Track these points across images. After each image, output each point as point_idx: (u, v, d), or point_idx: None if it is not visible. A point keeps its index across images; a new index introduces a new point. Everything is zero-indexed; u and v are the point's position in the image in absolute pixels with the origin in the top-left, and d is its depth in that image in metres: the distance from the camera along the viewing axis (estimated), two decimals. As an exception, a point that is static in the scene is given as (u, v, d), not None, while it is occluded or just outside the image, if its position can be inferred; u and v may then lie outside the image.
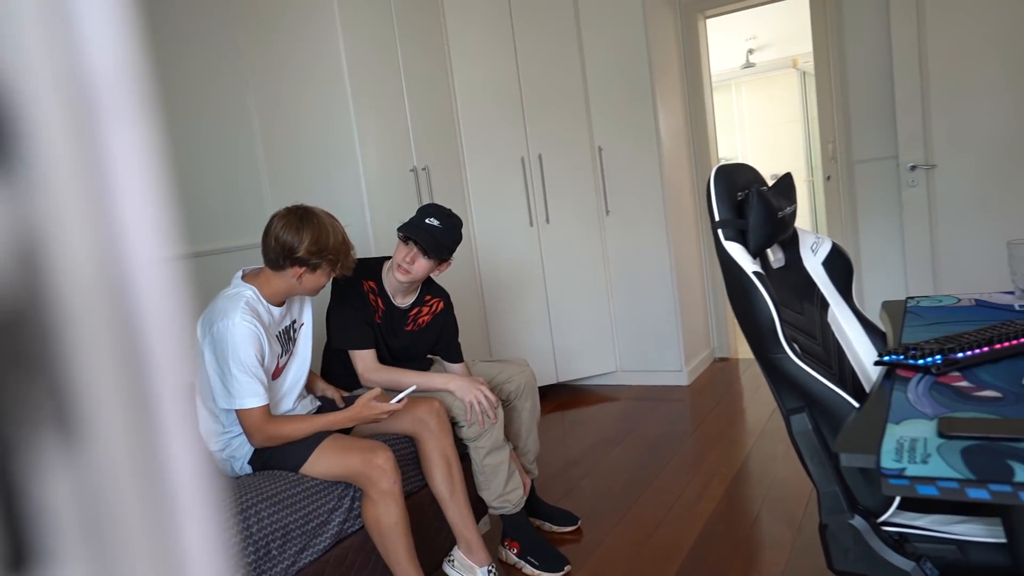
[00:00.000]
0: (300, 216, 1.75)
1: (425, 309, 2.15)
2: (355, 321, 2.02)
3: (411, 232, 1.97)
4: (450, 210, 2.04)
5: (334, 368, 2.11)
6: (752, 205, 1.30)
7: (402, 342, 2.11)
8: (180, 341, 0.20)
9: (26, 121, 0.16)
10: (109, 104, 0.18)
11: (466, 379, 2.01)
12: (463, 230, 2.07)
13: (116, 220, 0.18)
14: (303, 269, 1.74)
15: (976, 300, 1.62)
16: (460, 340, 2.26)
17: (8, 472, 0.15)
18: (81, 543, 0.17)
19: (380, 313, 2.06)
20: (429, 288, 2.17)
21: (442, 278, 2.20)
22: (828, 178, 3.79)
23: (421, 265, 1.98)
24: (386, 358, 2.07)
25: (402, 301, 2.10)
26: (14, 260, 0.16)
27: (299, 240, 1.71)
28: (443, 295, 2.20)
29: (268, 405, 1.70)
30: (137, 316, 0.19)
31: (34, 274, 0.16)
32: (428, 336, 2.17)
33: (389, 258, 2.07)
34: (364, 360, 2.02)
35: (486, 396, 1.97)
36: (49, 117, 0.17)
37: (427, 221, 1.98)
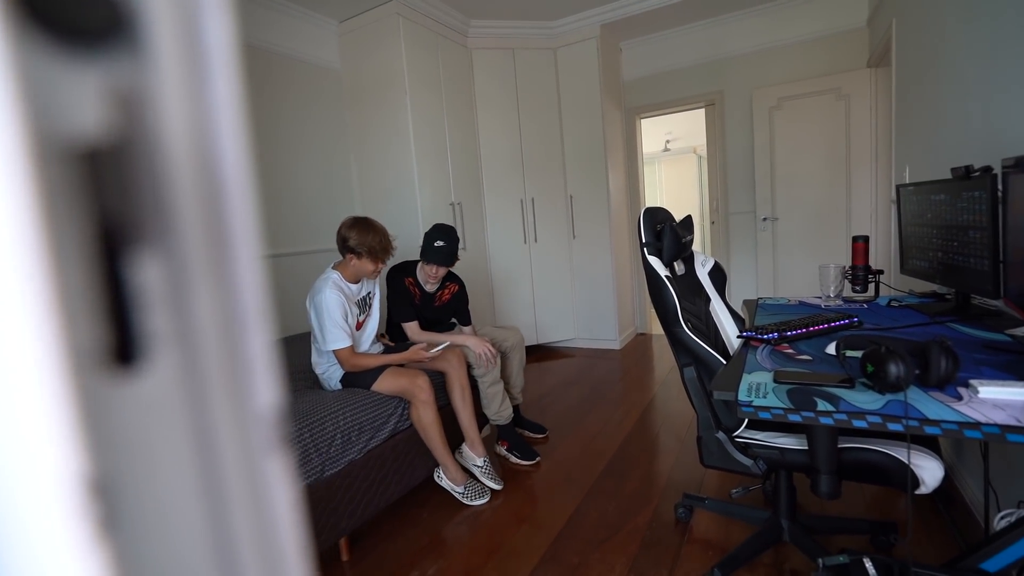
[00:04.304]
0: (356, 220, 1.72)
1: (446, 292, 2.11)
2: (403, 305, 2.00)
3: (427, 257, 1.94)
4: (447, 226, 1.96)
5: (394, 331, 2.11)
6: (666, 233, 1.31)
7: (433, 314, 2.09)
8: (246, 179, 0.17)
9: (144, 13, 0.14)
10: (205, 6, 0.16)
11: (478, 338, 2.01)
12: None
13: (205, 87, 0.16)
14: (354, 256, 1.71)
15: (800, 301, 1.64)
16: (478, 315, 2.23)
17: (116, 273, 0.13)
18: (170, 343, 0.14)
19: (418, 297, 2.04)
20: (448, 276, 2.13)
21: (466, 271, 2.18)
22: (713, 223, 3.80)
23: (440, 271, 1.97)
24: (424, 325, 2.06)
25: (431, 288, 2.07)
26: (115, 106, 0.14)
27: (350, 236, 1.69)
28: (458, 280, 2.16)
29: (352, 346, 1.69)
30: (216, 158, 0.16)
31: (131, 118, 0.14)
32: (449, 308, 2.14)
33: (419, 261, 2.04)
34: (411, 328, 2.01)
35: (490, 349, 1.97)
36: (162, 11, 0.15)
37: (435, 244, 1.92)
